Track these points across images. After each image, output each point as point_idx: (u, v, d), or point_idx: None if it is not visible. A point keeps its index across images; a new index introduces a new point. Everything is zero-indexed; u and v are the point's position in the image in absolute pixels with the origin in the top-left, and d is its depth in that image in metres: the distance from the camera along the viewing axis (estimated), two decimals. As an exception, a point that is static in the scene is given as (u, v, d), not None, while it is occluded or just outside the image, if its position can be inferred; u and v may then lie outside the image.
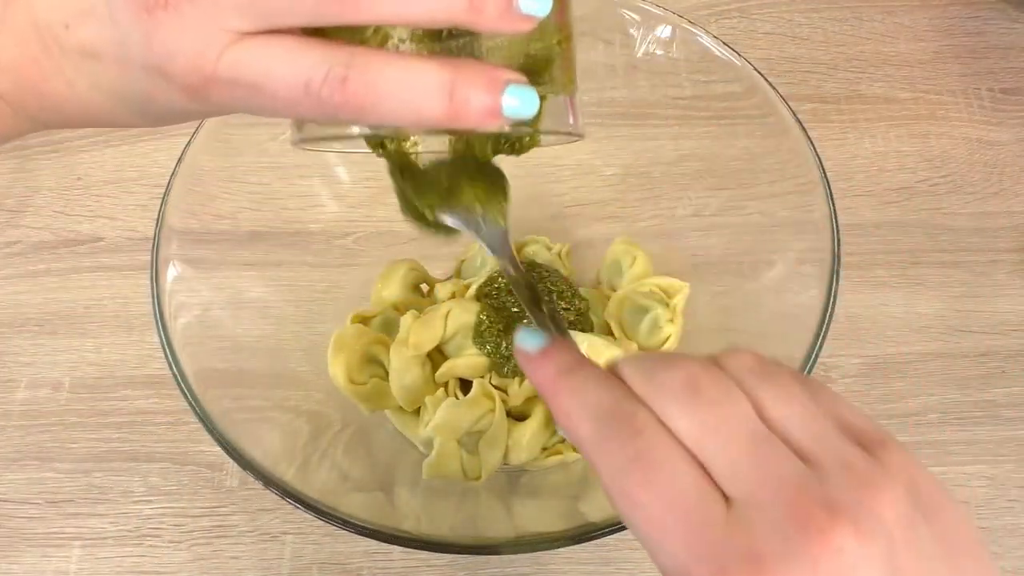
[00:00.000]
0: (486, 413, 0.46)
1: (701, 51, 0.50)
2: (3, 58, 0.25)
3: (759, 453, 0.22)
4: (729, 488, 0.21)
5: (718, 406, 0.22)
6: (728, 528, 0.21)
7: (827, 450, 0.22)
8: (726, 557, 0.20)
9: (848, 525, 0.20)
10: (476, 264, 0.55)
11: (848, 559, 0.20)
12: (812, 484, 0.21)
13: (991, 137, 0.65)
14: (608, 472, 0.23)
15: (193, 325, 0.44)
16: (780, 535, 0.20)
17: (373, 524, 0.38)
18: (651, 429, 0.22)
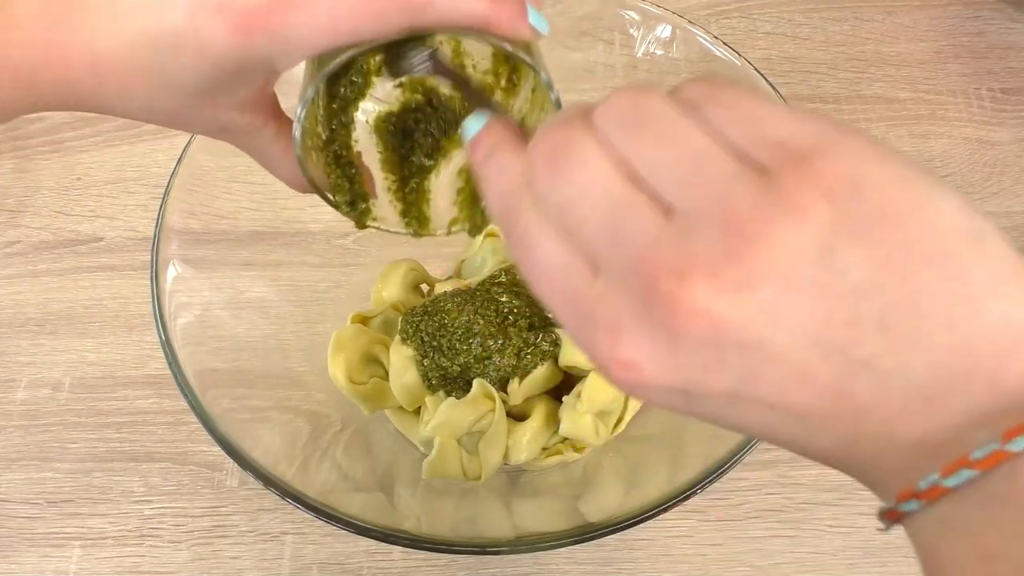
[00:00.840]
0: (486, 413, 0.46)
1: (701, 51, 0.50)
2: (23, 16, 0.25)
3: (612, 217, 0.20)
4: (591, 260, 0.21)
5: (573, 172, 0.21)
6: (592, 297, 0.20)
7: (697, 193, 0.19)
8: (593, 327, 0.21)
9: (701, 281, 0.18)
10: (476, 264, 0.55)
11: (711, 317, 0.18)
12: (665, 244, 0.19)
13: (991, 137, 0.65)
14: (512, 253, 0.23)
15: (193, 325, 0.44)
16: (632, 302, 0.19)
17: (373, 524, 0.38)
18: (524, 209, 0.22)
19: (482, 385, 0.46)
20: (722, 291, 0.18)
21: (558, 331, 0.47)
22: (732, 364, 0.19)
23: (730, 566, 0.50)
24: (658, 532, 0.51)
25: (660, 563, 0.50)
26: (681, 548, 0.50)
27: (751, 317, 0.18)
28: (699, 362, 0.19)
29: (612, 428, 0.49)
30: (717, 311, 0.18)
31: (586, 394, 0.46)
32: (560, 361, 0.48)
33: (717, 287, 0.18)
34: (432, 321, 0.47)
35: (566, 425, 0.47)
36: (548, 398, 0.50)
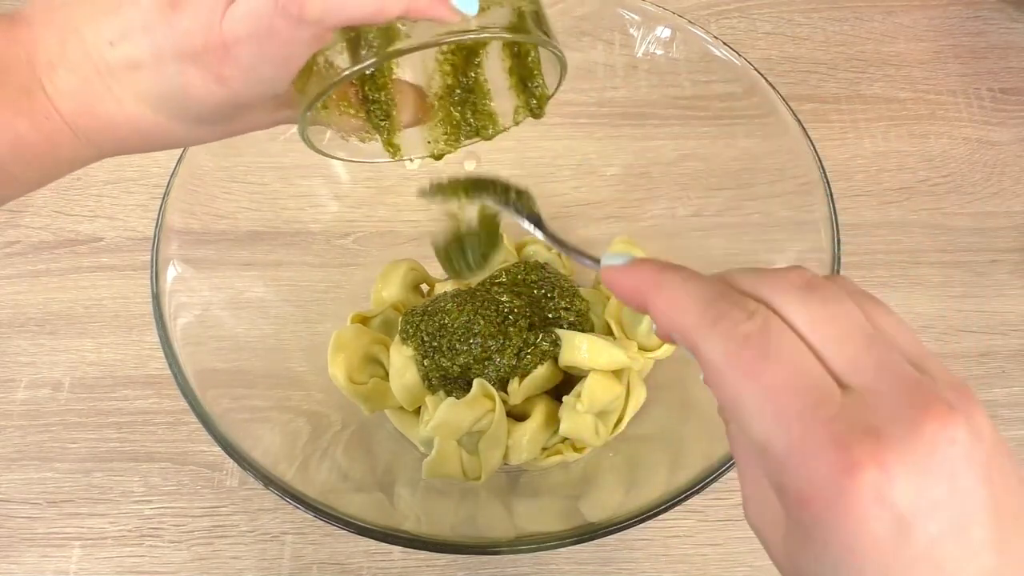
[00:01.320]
0: (486, 413, 0.46)
1: (701, 51, 0.50)
2: (64, 87, 0.28)
3: (875, 349, 0.22)
4: (847, 378, 0.22)
5: (833, 303, 0.23)
6: (846, 407, 0.21)
7: (932, 366, 0.22)
8: (845, 431, 0.20)
9: (963, 421, 0.20)
10: (476, 264, 0.55)
11: (960, 451, 0.20)
12: (928, 383, 0.21)
13: (991, 137, 0.65)
14: (720, 352, 0.22)
15: (193, 325, 0.44)
16: (900, 416, 0.20)
17: (373, 524, 0.38)
18: (766, 312, 0.23)
19: (482, 385, 0.46)
20: (970, 433, 0.21)
21: (559, 332, 0.47)
22: (955, 508, 0.20)
23: (730, 566, 0.50)
24: (658, 532, 0.51)
25: (660, 563, 0.50)
26: (681, 548, 0.50)
27: (979, 471, 0.20)
28: (934, 493, 0.20)
29: (612, 428, 0.49)
30: (966, 446, 0.20)
31: (586, 394, 0.46)
32: (560, 361, 0.48)
33: (969, 429, 0.21)
34: (432, 321, 0.47)
35: (566, 425, 0.47)
36: (548, 398, 0.50)
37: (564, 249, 0.32)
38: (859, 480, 0.20)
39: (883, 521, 0.20)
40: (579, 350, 0.46)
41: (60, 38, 0.28)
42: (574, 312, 0.49)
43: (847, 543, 0.20)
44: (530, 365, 0.47)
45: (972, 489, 0.20)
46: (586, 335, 0.47)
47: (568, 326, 0.48)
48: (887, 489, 0.20)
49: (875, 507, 0.20)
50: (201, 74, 0.27)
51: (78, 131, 0.29)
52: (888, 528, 0.20)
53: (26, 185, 0.30)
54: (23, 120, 0.28)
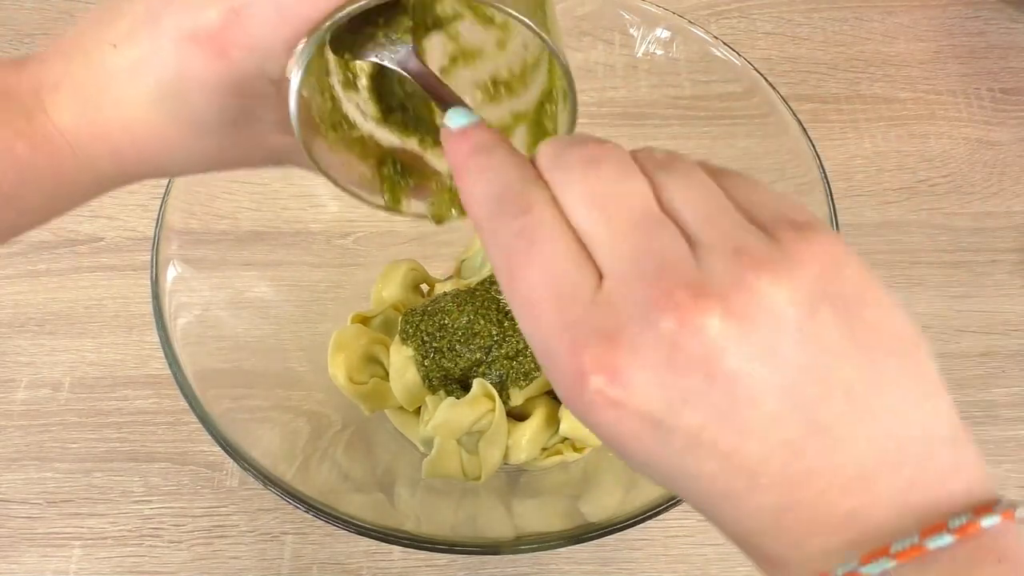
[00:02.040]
0: (486, 413, 0.46)
1: (701, 51, 0.50)
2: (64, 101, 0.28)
3: (640, 230, 0.20)
4: (604, 264, 0.20)
5: (611, 182, 0.21)
6: (592, 304, 0.20)
7: (719, 233, 0.20)
8: (582, 332, 0.20)
9: (714, 304, 0.19)
10: (476, 264, 0.55)
11: (714, 342, 0.19)
12: (687, 264, 0.20)
13: (991, 137, 0.65)
14: (495, 251, 0.22)
15: (193, 325, 0.44)
16: (638, 313, 0.19)
17: (373, 524, 0.38)
18: (540, 206, 0.21)
19: (482, 385, 0.46)
20: (728, 315, 0.19)
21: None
22: (714, 397, 0.19)
23: (730, 566, 0.50)
24: (658, 532, 0.51)
25: (660, 563, 0.50)
26: (681, 548, 0.50)
27: (747, 347, 0.19)
28: (686, 387, 0.19)
29: (612, 428, 0.48)
30: (721, 332, 0.19)
31: (586, 394, 0.46)
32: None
33: (724, 310, 0.19)
34: (432, 321, 0.47)
35: (566, 425, 0.47)
36: (548, 398, 0.50)
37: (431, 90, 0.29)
38: (589, 388, 0.19)
39: (628, 420, 0.19)
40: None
41: (65, 60, 0.28)
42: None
43: (610, 438, 0.20)
44: (530, 366, 0.47)
45: (740, 372, 0.19)
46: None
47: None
48: (620, 393, 0.19)
49: (612, 410, 0.19)
50: (200, 50, 0.26)
51: (77, 149, 0.28)
52: (637, 425, 0.19)
53: (31, 212, 0.30)
54: (22, 142, 0.27)
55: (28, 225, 0.30)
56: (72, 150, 0.28)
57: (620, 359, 0.19)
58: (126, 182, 0.30)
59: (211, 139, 0.29)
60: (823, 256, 0.20)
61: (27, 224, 0.30)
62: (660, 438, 0.19)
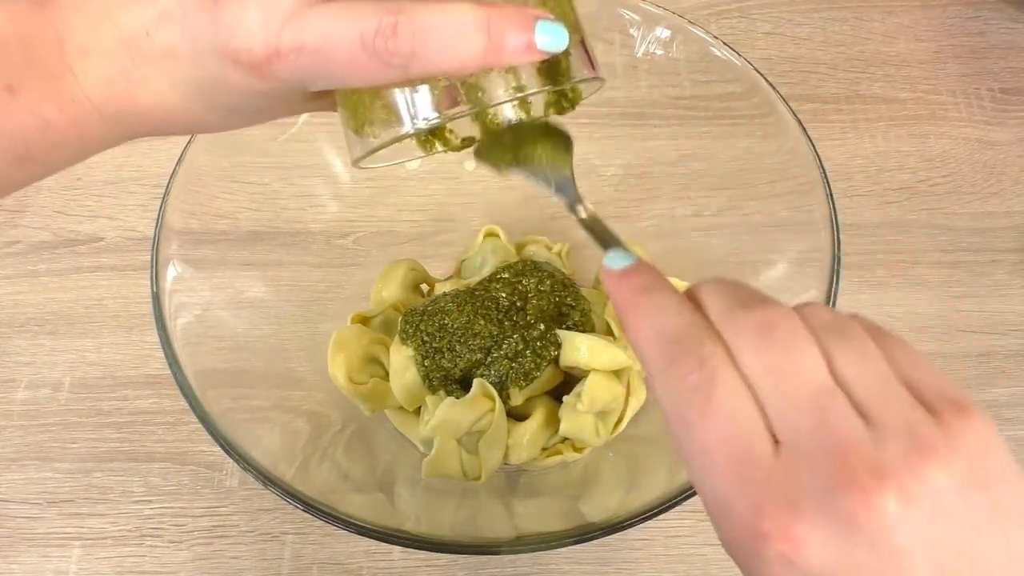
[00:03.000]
0: (486, 413, 0.46)
1: (701, 51, 0.50)
2: (96, 72, 0.28)
3: (818, 403, 0.21)
4: (782, 433, 0.21)
5: (788, 351, 0.22)
6: (772, 470, 0.21)
7: (891, 412, 0.21)
8: (764, 497, 0.21)
9: (893, 488, 0.20)
10: (476, 264, 0.55)
11: (888, 521, 0.20)
12: (866, 443, 0.21)
13: (991, 137, 0.65)
14: (669, 398, 0.23)
15: (193, 325, 0.44)
16: (821, 486, 0.20)
17: (373, 524, 0.38)
18: (717, 361, 0.22)
19: (482, 385, 0.46)
20: (902, 498, 0.20)
21: (559, 332, 0.47)
22: (877, 569, 0.20)
23: (730, 566, 0.49)
24: (658, 532, 0.51)
25: (660, 563, 0.50)
26: (681, 548, 0.50)
27: (913, 525, 0.20)
28: (855, 560, 0.20)
29: (612, 428, 0.49)
30: (896, 512, 0.20)
31: (586, 394, 0.46)
32: (560, 361, 0.48)
33: (900, 495, 0.20)
34: (432, 321, 0.47)
35: (566, 425, 0.47)
36: (548, 398, 0.50)
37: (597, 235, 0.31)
38: (767, 549, 0.21)
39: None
40: (579, 350, 0.46)
41: (93, 23, 0.27)
42: (578, 311, 0.49)
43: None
44: (530, 365, 0.47)
45: (903, 549, 0.20)
46: (586, 335, 0.47)
47: (572, 325, 0.48)
48: (796, 558, 0.20)
49: (784, 572, 0.20)
50: (240, 70, 0.26)
51: (107, 116, 0.28)
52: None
53: (52, 168, 0.30)
54: (50, 105, 0.28)
55: (42, 177, 0.31)
56: (100, 114, 0.28)
57: (802, 529, 0.20)
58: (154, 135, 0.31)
59: (240, 119, 0.30)
60: (979, 440, 0.21)
61: (41, 177, 0.31)
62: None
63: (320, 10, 0.25)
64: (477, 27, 0.24)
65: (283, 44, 0.25)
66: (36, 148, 0.28)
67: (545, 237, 0.57)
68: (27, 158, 0.29)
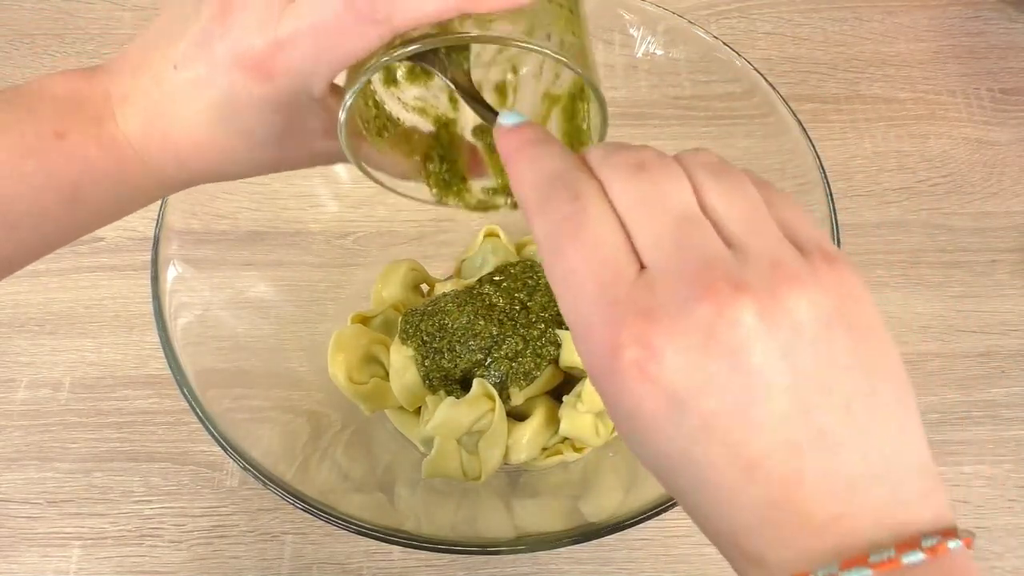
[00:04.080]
0: (486, 413, 0.46)
1: (701, 51, 0.50)
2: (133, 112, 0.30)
3: (682, 228, 0.22)
4: (646, 256, 0.22)
5: (657, 183, 0.23)
6: (633, 287, 0.21)
7: (758, 242, 0.22)
8: (622, 309, 0.21)
9: (751, 302, 0.20)
10: (476, 264, 0.55)
11: (744, 333, 0.20)
12: (727, 261, 0.21)
13: (991, 137, 0.65)
14: (542, 231, 0.24)
15: (193, 325, 0.44)
16: (678, 296, 0.21)
17: (373, 524, 0.38)
18: (589, 195, 0.23)
19: (482, 385, 0.46)
20: (762, 314, 0.20)
21: (559, 332, 0.47)
22: (734, 386, 0.20)
23: (730, 566, 0.50)
24: (658, 532, 0.51)
25: (660, 563, 0.50)
26: (681, 548, 0.50)
27: (772, 347, 0.20)
28: (712, 374, 0.20)
29: (612, 428, 0.49)
30: (753, 328, 0.20)
31: (586, 394, 0.46)
32: (560, 362, 0.48)
33: (759, 309, 0.20)
34: (432, 321, 0.47)
35: (566, 425, 0.47)
36: (548, 398, 0.50)
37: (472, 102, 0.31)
38: (622, 359, 0.21)
39: (654, 396, 0.21)
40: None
41: (133, 73, 0.30)
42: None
43: (628, 414, 0.21)
44: (530, 365, 0.47)
45: (760, 368, 0.20)
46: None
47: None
48: (651, 367, 0.20)
49: (642, 384, 0.21)
50: (247, 74, 0.27)
51: (144, 155, 0.30)
52: (661, 402, 0.21)
53: (98, 213, 0.31)
54: (94, 145, 0.29)
55: (95, 225, 0.32)
56: (139, 156, 0.30)
57: (657, 336, 0.20)
58: (188, 184, 0.33)
59: (264, 149, 0.31)
60: (845, 285, 0.22)
61: (94, 224, 0.32)
62: (676, 419, 0.21)
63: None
64: None
65: (281, 34, 0.26)
66: (82, 188, 0.30)
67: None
68: (75, 200, 0.30)
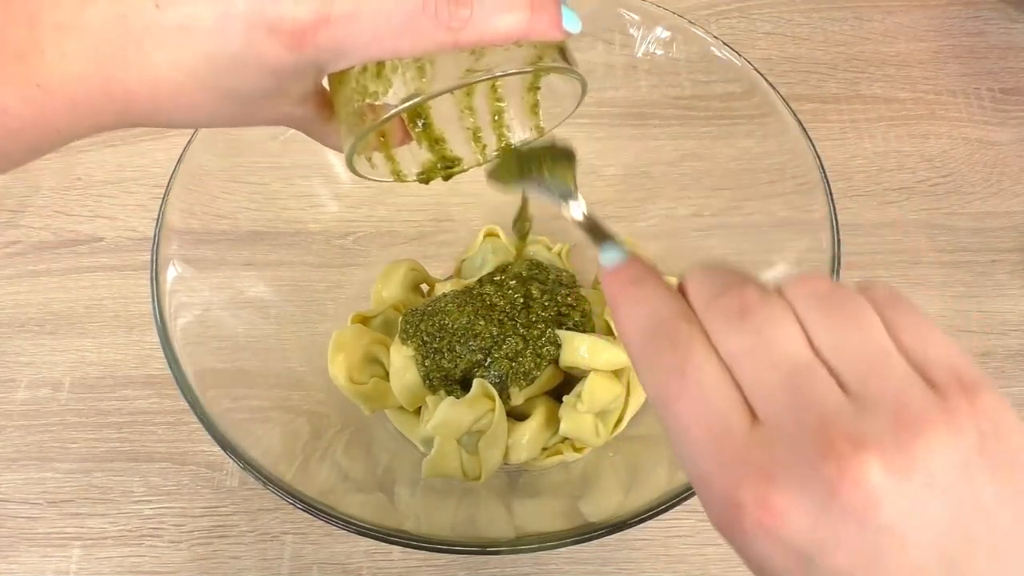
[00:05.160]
0: (486, 413, 0.46)
1: (701, 51, 0.50)
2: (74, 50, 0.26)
3: (794, 381, 0.21)
4: (759, 409, 0.21)
5: (762, 329, 0.22)
6: (748, 443, 0.21)
7: (878, 385, 0.21)
8: (741, 469, 0.21)
9: (875, 459, 0.19)
10: (476, 264, 0.55)
11: (869, 491, 0.19)
12: (846, 415, 0.20)
13: (991, 137, 0.65)
14: (649, 380, 0.23)
15: (193, 325, 0.44)
16: (798, 457, 0.20)
17: (373, 524, 0.38)
18: (694, 344, 0.23)
19: (482, 385, 0.46)
20: (887, 469, 0.19)
21: (559, 332, 0.47)
22: (865, 544, 0.20)
23: (730, 566, 0.50)
24: (658, 532, 0.51)
25: (660, 563, 0.50)
26: (681, 548, 0.50)
27: (903, 502, 0.19)
28: (840, 532, 0.20)
29: (612, 428, 0.49)
30: (880, 485, 0.19)
31: (586, 394, 0.46)
32: (560, 361, 0.48)
33: (884, 464, 0.19)
34: (432, 321, 0.47)
35: (566, 425, 0.47)
36: (548, 398, 0.50)
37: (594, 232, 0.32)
38: (744, 519, 0.20)
39: (782, 555, 0.20)
40: (579, 350, 0.46)
41: (80, 1, 0.25)
42: (578, 311, 0.49)
43: (757, 567, 0.21)
44: (530, 365, 0.47)
45: (891, 526, 0.19)
46: (586, 335, 0.47)
47: (572, 325, 0.48)
48: (776, 528, 0.20)
49: (767, 543, 0.20)
50: (274, 39, 0.25)
51: (78, 102, 0.26)
52: (790, 561, 0.20)
53: (14, 161, 0.28)
54: (10, 90, 0.25)
55: (4, 168, 0.29)
56: (71, 101, 0.26)
57: (778, 497, 0.20)
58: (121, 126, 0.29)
59: (235, 107, 0.28)
60: (986, 419, 0.20)
61: (4, 168, 0.28)
62: (807, 572, 0.20)
63: None
64: (525, 3, 0.26)
65: (336, 10, 0.25)
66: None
67: (546, 237, 0.57)
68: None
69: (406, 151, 0.34)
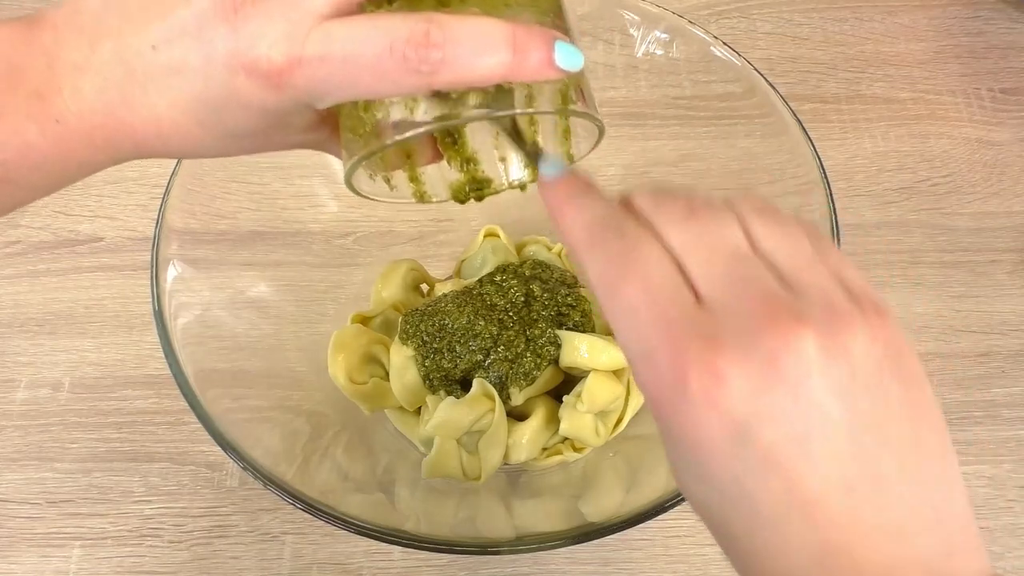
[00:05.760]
0: (486, 413, 0.46)
1: (701, 51, 0.50)
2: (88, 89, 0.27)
3: (738, 264, 0.23)
4: (702, 288, 0.22)
5: (708, 224, 0.24)
6: (695, 317, 0.22)
7: (811, 282, 0.22)
8: (687, 337, 0.21)
9: (813, 336, 0.21)
10: (476, 264, 0.55)
11: (806, 365, 0.20)
12: (785, 296, 0.22)
13: (991, 137, 0.65)
14: (595, 269, 0.24)
15: (193, 325, 0.44)
16: (743, 326, 0.21)
17: (373, 524, 0.38)
18: (642, 232, 0.24)
19: (482, 385, 0.46)
20: (822, 349, 0.21)
21: (559, 332, 0.47)
22: (795, 418, 0.21)
23: (730, 566, 0.50)
24: (658, 532, 0.51)
25: (660, 563, 0.50)
26: (681, 548, 0.50)
27: (831, 383, 0.21)
28: (775, 403, 0.20)
29: (612, 428, 0.49)
30: (815, 361, 0.21)
31: (586, 394, 0.46)
32: (560, 362, 0.48)
33: (820, 344, 0.21)
34: (432, 322, 0.47)
35: (566, 425, 0.47)
36: (548, 398, 0.50)
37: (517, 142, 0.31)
38: (691, 384, 0.21)
39: (719, 424, 0.21)
40: (579, 350, 0.46)
41: (91, 42, 0.27)
42: (579, 311, 0.49)
43: (691, 442, 0.22)
44: (530, 366, 0.47)
45: (820, 402, 0.20)
46: (586, 335, 0.47)
47: (572, 325, 0.48)
48: (719, 394, 0.21)
49: (708, 410, 0.21)
50: (253, 80, 0.26)
51: (94, 137, 0.28)
52: (725, 430, 0.21)
53: (34, 192, 0.29)
54: (33, 126, 0.27)
55: (25, 202, 0.30)
56: (88, 136, 0.28)
57: (723, 362, 0.21)
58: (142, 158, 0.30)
59: (240, 140, 0.29)
60: (893, 338, 0.22)
61: (25, 201, 0.29)
62: (738, 448, 0.21)
63: (348, 20, 0.25)
64: (504, 40, 0.24)
65: (307, 52, 0.25)
66: (15, 170, 0.27)
67: (545, 237, 0.57)
68: (6, 180, 0.28)
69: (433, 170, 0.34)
